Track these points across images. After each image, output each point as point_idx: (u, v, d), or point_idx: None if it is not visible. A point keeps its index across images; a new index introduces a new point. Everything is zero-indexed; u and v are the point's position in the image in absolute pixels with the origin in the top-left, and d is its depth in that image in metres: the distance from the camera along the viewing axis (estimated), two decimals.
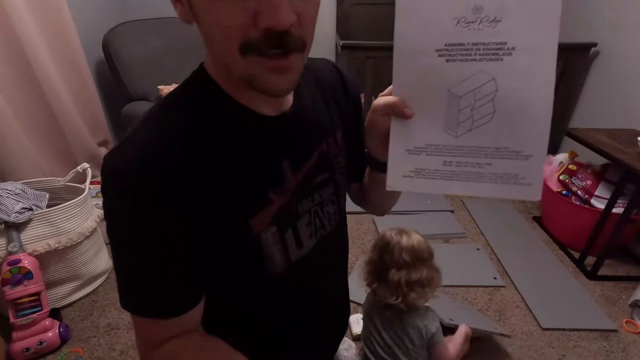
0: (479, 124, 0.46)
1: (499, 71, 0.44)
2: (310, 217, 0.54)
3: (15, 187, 1.32)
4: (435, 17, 0.44)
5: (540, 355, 1.27)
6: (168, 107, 0.44)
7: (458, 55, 0.44)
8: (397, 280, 0.89)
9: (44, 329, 1.25)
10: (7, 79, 1.52)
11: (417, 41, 0.45)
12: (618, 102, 1.89)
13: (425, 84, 0.46)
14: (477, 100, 0.45)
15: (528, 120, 0.44)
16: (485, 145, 0.46)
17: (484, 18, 0.43)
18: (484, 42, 0.43)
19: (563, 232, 1.81)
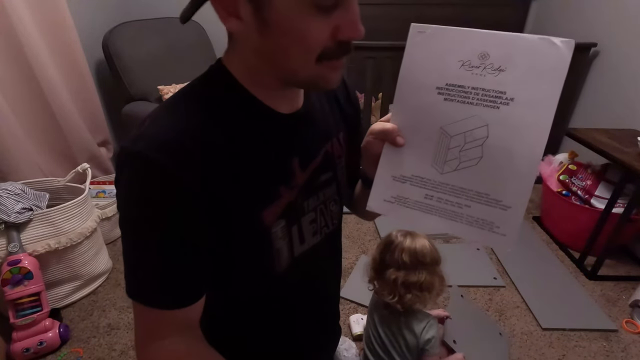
0: (465, 165, 0.46)
1: (493, 119, 0.44)
2: (316, 215, 0.56)
3: (15, 188, 1.32)
4: (442, 57, 0.45)
5: (540, 355, 1.27)
6: (190, 97, 0.46)
7: (457, 96, 0.45)
8: (394, 280, 0.90)
9: (44, 329, 1.25)
10: (7, 79, 1.52)
11: (421, 76, 0.47)
12: (618, 102, 1.89)
13: (421, 118, 0.48)
14: (467, 143, 0.46)
15: (513, 172, 0.45)
16: (468, 187, 0.47)
17: (488, 65, 0.44)
18: (484, 88, 0.44)
19: (563, 232, 1.81)
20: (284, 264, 0.52)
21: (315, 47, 0.40)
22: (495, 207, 0.46)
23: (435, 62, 0.46)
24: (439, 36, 0.46)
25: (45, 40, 1.65)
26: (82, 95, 1.87)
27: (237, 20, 0.40)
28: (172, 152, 0.40)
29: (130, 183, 0.42)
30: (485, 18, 2.61)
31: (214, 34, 2.49)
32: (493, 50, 0.43)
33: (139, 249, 0.44)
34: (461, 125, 0.46)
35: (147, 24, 2.16)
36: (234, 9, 0.39)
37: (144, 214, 0.42)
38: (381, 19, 2.60)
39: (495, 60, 0.44)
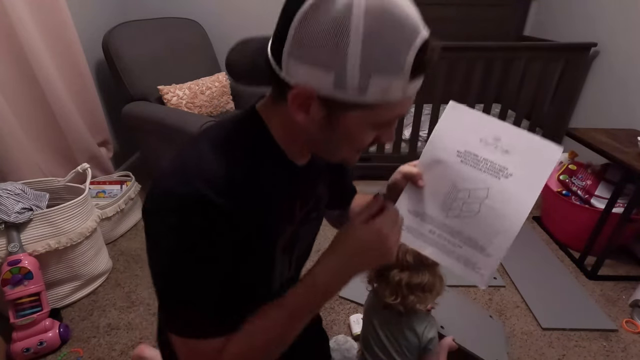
0: (465, 215, 0.59)
1: (493, 185, 0.58)
2: (300, 245, 0.66)
3: (15, 187, 1.32)
4: (467, 131, 0.60)
5: (540, 355, 1.27)
6: (233, 143, 0.51)
7: (470, 161, 0.60)
8: (398, 281, 0.89)
9: (44, 329, 1.25)
10: (7, 79, 1.52)
11: (448, 140, 0.61)
12: (618, 102, 1.89)
13: (440, 170, 0.61)
14: (470, 198, 0.59)
15: (499, 230, 0.57)
16: (463, 232, 0.59)
17: (499, 146, 0.59)
18: (492, 161, 0.58)
19: (563, 232, 1.81)
20: (276, 285, 0.62)
21: (361, 147, 0.51)
22: (480, 253, 0.58)
23: (461, 133, 0.61)
24: (469, 115, 0.61)
25: (45, 40, 1.64)
26: (82, 95, 1.87)
27: (305, 115, 0.46)
28: (226, 196, 0.45)
29: (181, 220, 0.45)
30: (486, 18, 2.61)
31: (214, 34, 2.49)
32: (505, 137, 0.59)
33: (190, 288, 0.47)
34: (468, 183, 0.59)
35: (147, 24, 2.16)
36: (307, 108, 0.45)
37: (198, 250, 0.46)
38: None
39: (505, 144, 0.58)
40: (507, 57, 2.07)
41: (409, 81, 0.43)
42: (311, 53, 0.41)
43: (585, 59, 2.03)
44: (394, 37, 0.40)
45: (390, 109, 0.45)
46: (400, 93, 0.43)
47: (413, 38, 0.41)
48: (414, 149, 2.29)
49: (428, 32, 0.43)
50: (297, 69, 0.42)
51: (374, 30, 0.38)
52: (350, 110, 0.44)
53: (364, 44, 0.38)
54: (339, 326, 1.37)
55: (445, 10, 2.58)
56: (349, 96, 0.42)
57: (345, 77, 0.40)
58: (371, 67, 0.40)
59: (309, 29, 0.40)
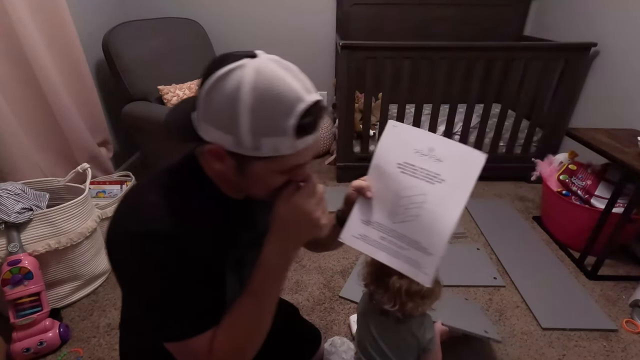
0: (407, 220, 0.66)
1: (429, 191, 0.65)
2: (250, 268, 0.71)
3: (15, 187, 1.32)
4: (405, 145, 0.69)
5: (540, 355, 1.27)
6: (178, 186, 0.60)
7: (409, 171, 0.68)
8: (398, 288, 0.87)
9: (44, 329, 1.25)
10: (7, 79, 1.52)
11: (389, 155, 0.71)
12: (618, 102, 1.89)
13: (385, 182, 0.70)
14: (410, 204, 0.66)
15: (436, 230, 0.64)
16: (407, 235, 0.66)
17: (432, 155, 0.67)
18: (427, 169, 0.66)
19: (563, 232, 1.81)
20: (229, 303, 0.66)
21: (273, 189, 0.58)
22: (423, 253, 0.65)
23: (400, 147, 0.69)
24: (407, 131, 0.71)
25: (45, 40, 1.65)
26: (82, 95, 1.87)
27: (221, 164, 0.56)
28: (180, 229, 0.55)
29: (148, 252, 0.54)
30: (486, 18, 2.61)
31: (214, 34, 2.49)
32: (438, 148, 0.67)
33: (169, 301, 0.56)
34: (409, 191, 0.66)
35: (147, 24, 2.16)
36: (220, 159, 0.55)
37: (169, 273, 0.55)
38: (381, 19, 2.60)
39: (438, 154, 0.66)
40: (507, 57, 2.07)
41: (296, 139, 0.51)
42: (214, 118, 0.51)
43: (585, 59, 2.03)
44: (276, 108, 0.49)
45: (287, 160, 0.54)
46: (290, 149, 0.52)
47: (293, 107, 0.50)
48: None
49: (314, 98, 0.52)
50: (207, 129, 0.53)
51: (258, 103, 0.48)
52: (254, 161, 0.53)
53: (251, 114, 0.48)
54: (339, 326, 1.37)
55: (445, 10, 2.58)
56: (247, 152, 0.52)
57: (240, 139, 0.50)
58: (259, 131, 0.50)
59: (211, 99, 0.50)
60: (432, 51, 2.05)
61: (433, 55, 2.05)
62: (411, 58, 2.05)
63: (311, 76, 0.58)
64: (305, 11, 2.59)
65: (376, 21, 2.61)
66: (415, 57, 2.04)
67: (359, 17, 2.58)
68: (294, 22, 2.62)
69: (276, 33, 2.65)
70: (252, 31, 2.64)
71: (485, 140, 2.29)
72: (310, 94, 0.52)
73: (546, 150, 2.15)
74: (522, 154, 2.30)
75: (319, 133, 0.57)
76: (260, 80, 0.49)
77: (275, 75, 0.50)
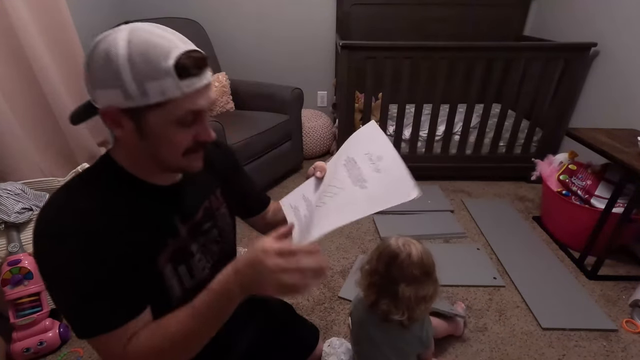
0: (319, 205, 0.68)
1: (347, 189, 0.67)
2: (200, 255, 0.73)
3: (15, 188, 1.32)
4: (364, 145, 0.72)
5: (540, 355, 1.27)
6: (86, 184, 0.62)
7: (349, 166, 0.71)
8: (408, 297, 0.86)
9: (44, 329, 1.25)
10: (7, 79, 1.52)
11: (349, 146, 0.77)
12: (618, 102, 1.89)
13: (332, 168, 0.75)
14: (327, 192, 0.68)
15: (321, 223, 0.63)
16: (312, 219, 0.66)
17: (376, 163, 0.69)
18: (362, 172, 0.68)
19: (563, 232, 1.81)
20: (176, 295, 0.68)
21: (180, 148, 0.59)
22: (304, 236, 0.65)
23: (359, 144, 0.73)
24: (376, 134, 0.73)
25: (45, 40, 1.65)
26: (82, 95, 1.87)
27: (121, 129, 0.57)
28: (94, 225, 0.56)
29: (57, 253, 0.55)
30: (486, 18, 2.61)
31: (213, 34, 2.49)
32: (385, 160, 0.67)
33: (83, 296, 0.56)
34: (335, 182, 0.69)
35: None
36: (119, 123, 0.56)
37: (77, 272, 0.55)
38: (381, 19, 2.60)
39: (381, 165, 0.67)
40: (507, 57, 2.07)
41: (180, 80, 0.53)
42: (99, 80, 0.53)
43: (585, 59, 2.03)
44: (153, 52, 0.52)
45: (179, 104, 0.55)
46: (177, 90, 0.53)
47: (169, 51, 0.52)
48: (414, 148, 2.29)
49: (191, 46, 0.56)
50: (97, 95, 0.54)
51: (134, 52, 0.51)
52: (147, 113, 0.54)
53: (129, 62, 0.51)
54: (339, 326, 1.37)
55: (445, 10, 2.58)
56: (138, 102, 0.53)
57: (127, 89, 0.52)
58: (141, 77, 0.51)
59: (92, 63, 0.53)
60: (432, 51, 2.05)
61: (433, 55, 2.05)
62: (411, 58, 2.05)
63: (311, 76, 0.59)
64: (305, 11, 2.59)
65: (376, 21, 2.61)
66: (415, 57, 2.04)
67: (359, 17, 2.58)
68: (294, 22, 2.62)
69: (276, 33, 2.65)
70: (251, 31, 2.64)
71: (485, 140, 2.29)
72: (186, 44, 0.55)
73: (546, 150, 2.15)
74: (522, 154, 2.30)
75: (208, 81, 0.58)
76: (135, 34, 0.52)
77: (149, 30, 0.54)
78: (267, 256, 0.53)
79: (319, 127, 2.65)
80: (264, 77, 2.58)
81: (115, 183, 0.62)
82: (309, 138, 2.62)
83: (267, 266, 0.53)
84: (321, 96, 2.89)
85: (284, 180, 2.39)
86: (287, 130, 2.27)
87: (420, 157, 2.31)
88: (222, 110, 2.31)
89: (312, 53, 2.72)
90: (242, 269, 0.55)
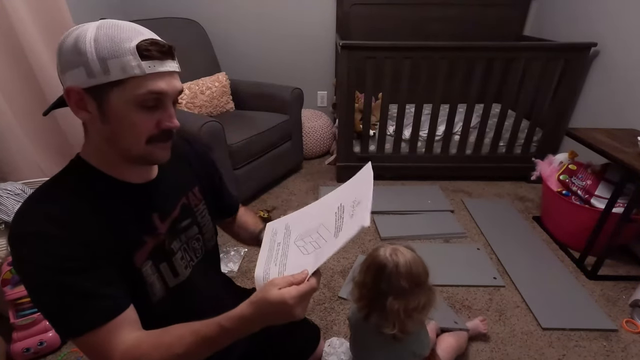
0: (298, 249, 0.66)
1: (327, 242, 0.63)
2: (182, 253, 0.74)
3: (15, 188, 1.32)
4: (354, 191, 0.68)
5: (541, 355, 1.27)
6: (57, 185, 0.62)
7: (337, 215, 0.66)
8: (397, 310, 0.83)
9: (44, 329, 1.25)
10: (7, 79, 1.52)
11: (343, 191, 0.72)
12: (618, 102, 1.89)
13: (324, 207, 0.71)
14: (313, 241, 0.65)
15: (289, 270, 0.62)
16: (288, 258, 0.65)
17: (355, 204, 0.63)
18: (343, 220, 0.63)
19: (563, 232, 1.81)
20: (159, 294, 0.69)
21: (142, 133, 0.59)
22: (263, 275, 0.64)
23: (352, 189, 0.69)
24: (368, 179, 0.67)
25: (45, 40, 1.65)
26: None
27: (86, 112, 0.58)
28: (58, 226, 0.56)
29: (33, 253, 0.55)
30: (486, 18, 2.61)
31: (214, 34, 2.49)
32: (362, 203, 0.62)
33: (63, 296, 0.56)
34: (323, 231, 0.66)
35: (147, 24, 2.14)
36: (84, 105, 0.58)
37: (53, 271, 0.55)
38: (381, 19, 2.60)
39: (356, 210, 0.62)
40: (507, 57, 2.07)
41: (142, 61, 0.55)
42: (66, 62, 0.56)
43: (585, 59, 2.03)
44: (117, 34, 0.55)
45: (139, 84, 0.56)
46: (138, 69, 0.55)
47: (134, 34, 0.56)
48: (414, 148, 2.29)
49: (156, 37, 0.59)
50: (64, 78, 0.57)
51: (101, 34, 0.54)
52: (109, 92, 0.56)
53: (95, 42, 0.54)
54: (339, 326, 1.37)
55: (445, 10, 2.58)
56: (100, 80, 0.55)
57: (89, 67, 0.54)
58: (104, 54, 0.54)
59: (62, 49, 0.56)
60: (432, 51, 2.05)
61: (433, 55, 2.05)
62: (411, 58, 2.05)
63: (311, 76, 0.59)
64: (305, 11, 2.59)
65: (376, 21, 2.61)
66: (415, 57, 2.04)
67: (359, 17, 2.58)
68: (294, 22, 2.62)
69: (276, 33, 2.65)
70: (251, 31, 2.64)
71: (485, 140, 2.29)
72: (155, 37, 0.59)
73: (546, 150, 2.15)
74: (522, 154, 2.30)
75: (173, 69, 0.60)
76: (105, 22, 0.57)
77: (117, 22, 0.58)
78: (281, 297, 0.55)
79: (319, 127, 2.65)
80: (264, 77, 2.58)
81: (83, 183, 0.62)
82: (309, 138, 2.62)
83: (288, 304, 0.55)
84: (321, 96, 2.89)
85: (284, 180, 2.39)
86: (287, 130, 2.27)
87: (420, 157, 2.31)
88: (222, 110, 2.31)
89: (312, 53, 2.72)
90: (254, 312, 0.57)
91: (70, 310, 0.57)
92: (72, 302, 0.57)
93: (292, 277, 0.58)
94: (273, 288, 0.56)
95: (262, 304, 0.56)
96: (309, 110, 2.75)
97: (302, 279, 0.58)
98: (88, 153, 0.65)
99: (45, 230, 0.56)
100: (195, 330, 0.59)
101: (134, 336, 0.60)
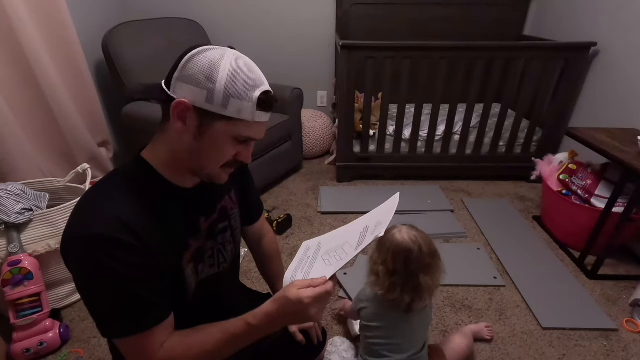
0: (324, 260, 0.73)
1: (349, 255, 0.70)
2: (213, 252, 0.78)
3: (15, 188, 1.32)
4: (379, 215, 0.75)
5: (541, 355, 1.27)
6: (120, 185, 0.64)
7: (361, 236, 0.73)
8: (429, 284, 0.94)
9: (44, 330, 1.25)
10: (7, 79, 1.52)
11: (372, 215, 0.79)
12: (618, 101, 1.89)
13: (354, 230, 0.78)
14: (337, 255, 0.72)
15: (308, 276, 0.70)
16: (311, 273, 0.71)
17: (378, 224, 0.72)
18: (366, 240, 0.70)
19: (563, 232, 1.81)
20: (191, 292, 0.73)
21: (224, 158, 0.65)
22: None
23: (378, 215, 0.76)
24: (392, 207, 0.75)
25: (45, 40, 1.65)
26: (82, 95, 1.87)
27: (182, 124, 0.61)
28: (126, 232, 0.58)
29: (103, 257, 0.56)
30: (486, 18, 2.61)
31: (214, 34, 2.49)
32: (382, 225, 0.70)
33: (119, 300, 0.59)
34: (347, 247, 0.73)
35: (147, 24, 2.16)
36: (185, 118, 0.61)
37: (112, 275, 0.57)
38: (381, 19, 2.60)
39: (378, 230, 0.70)
40: (507, 57, 2.07)
41: (256, 110, 0.61)
42: (192, 76, 0.59)
43: (585, 58, 2.03)
44: (249, 79, 0.60)
45: (245, 127, 0.62)
46: (250, 115, 0.61)
47: (259, 84, 0.62)
48: (413, 149, 2.29)
49: (269, 89, 0.64)
50: (180, 87, 0.60)
51: (236, 71, 0.59)
52: (217, 120, 0.60)
53: (229, 77, 0.58)
54: (339, 326, 1.37)
55: (445, 10, 2.58)
56: (215, 109, 0.59)
57: (213, 96, 0.58)
58: (231, 92, 0.59)
59: (193, 63, 0.59)
60: (432, 51, 2.05)
61: (433, 55, 2.05)
62: (411, 58, 2.05)
63: (311, 76, 0.60)
64: (305, 11, 2.59)
65: (376, 21, 2.61)
66: (415, 57, 2.04)
67: (359, 17, 2.58)
68: (294, 22, 2.62)
69: (276, 33, 2.65)
70: (251, 31, 2.64)
71: (485, 140, 2.29)
72: (267, 84, 0.64)
73: (546, 150, 2.15)
74: (522, 153, 2.30)
75: (268, 119, 0.66)
76: (239, 57, 0.62)
77: (249, 61, 0.63)
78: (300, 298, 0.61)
79: (319, 127, 2.65)
80: None
81: (148, 186, 0.65)
82: (309, 138, 2.62)
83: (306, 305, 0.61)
84: (321, 96, 2.89)
85: (284, 180, 2.39)
86: (287, 130, 2.27)
87: (420, 157, 2.31)
88: None
89: (312, 53, 2.72)
90: (276, 311, 0.64)
91: (122, 314, 0.60)
92: (126, 307, 0.60)
93: (311, 281, 0.64)
94: (293, 288, 0.62)
95: (284, 301, 0.62)
96: (309, 110, 2.75)
97: (320, 282, 0.63)
98: (154, 157, 0.67)
99: (118, 237, 0.57)
100: (224, 328, 0.65)
101: (172, 338, 0.65)
